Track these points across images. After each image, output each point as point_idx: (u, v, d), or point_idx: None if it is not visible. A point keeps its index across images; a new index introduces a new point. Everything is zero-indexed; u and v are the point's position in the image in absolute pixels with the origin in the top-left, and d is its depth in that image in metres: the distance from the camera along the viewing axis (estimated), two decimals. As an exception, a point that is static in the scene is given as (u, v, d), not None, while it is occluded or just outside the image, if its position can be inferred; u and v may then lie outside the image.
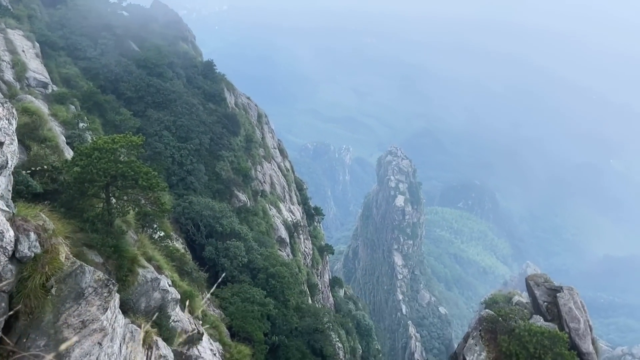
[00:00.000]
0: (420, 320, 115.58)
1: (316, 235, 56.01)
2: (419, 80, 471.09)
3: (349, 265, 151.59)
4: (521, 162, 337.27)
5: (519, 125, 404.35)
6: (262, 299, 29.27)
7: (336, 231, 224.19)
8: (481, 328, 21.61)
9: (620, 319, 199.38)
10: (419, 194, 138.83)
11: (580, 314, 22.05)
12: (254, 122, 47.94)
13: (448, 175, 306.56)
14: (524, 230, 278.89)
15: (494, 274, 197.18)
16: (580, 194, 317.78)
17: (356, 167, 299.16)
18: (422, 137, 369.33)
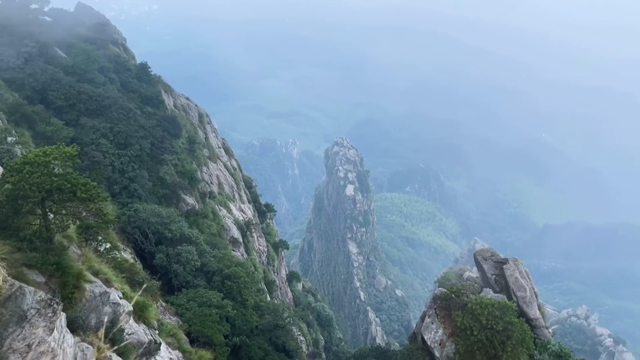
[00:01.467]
0: (378, 305, 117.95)
1: (269, 232, 55.76)
2: (358, 70, 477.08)
3: (305, 259, 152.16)
4: (460, 142, 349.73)
5: (456, 108, 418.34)
6: (219, 301, 28.86)
7: (290, 226, 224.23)
8: (436, 306, 22.36)
9: (563, 283, 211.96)
10: (367, 182, 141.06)
11: (526, 282, 23.28)
12: (196, 122, 46.91)
13: (394, 161, 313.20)
14: (469, 208, 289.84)
15: (444, 252, 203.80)
16: (517, 168, 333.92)
17: (304, 160, 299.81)
18: (365, 126, 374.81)
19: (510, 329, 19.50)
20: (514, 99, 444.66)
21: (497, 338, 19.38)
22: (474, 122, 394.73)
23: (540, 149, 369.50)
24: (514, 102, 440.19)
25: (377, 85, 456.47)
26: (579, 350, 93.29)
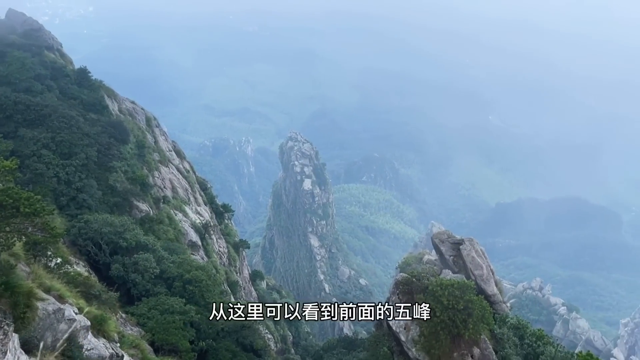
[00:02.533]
0: (343, 295, 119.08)
1: (229, 232, 55.10)
2: (308, 64, 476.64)
3: (268, 256, 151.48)
4: (411, 129, 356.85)
5: (404, 96, 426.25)
6: (182, 307, 28.32)
7: (249, 225, 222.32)
8: (398, 291, 22.80)
9: (517, 258, 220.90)
10: (324, 174, 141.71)
11: (482, 261, 24.10)
12: (143, 126, 45.54)
13: (349, 153, 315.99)
14: (424, 193, 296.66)
15: (404, 238, 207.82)
16: (467, 152, 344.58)
17: (259, 157, 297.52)
18: (318, 119, 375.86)
19: (470, 307, 20.15)
20: (460, 84, 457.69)
21: (459, 317, 19.99)
22: (423, 109, 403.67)
23: (487, 131, 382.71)
24: (460, 87, 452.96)
25: (327, 78, 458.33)
26: (536, 321, 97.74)
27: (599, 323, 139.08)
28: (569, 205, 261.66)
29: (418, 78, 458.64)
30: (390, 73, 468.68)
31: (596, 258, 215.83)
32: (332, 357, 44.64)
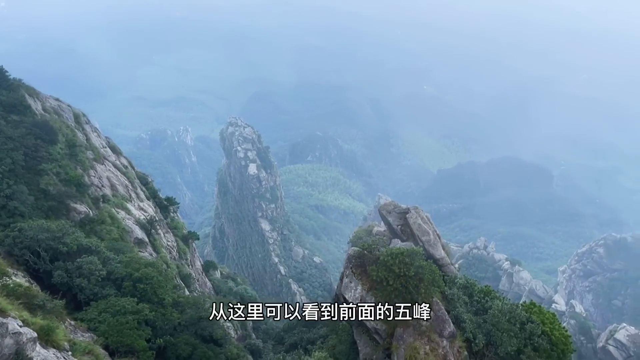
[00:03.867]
0: (299, 275, 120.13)
1: (176, 225, 53.78)
2: (240, 47, 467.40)
3: (219, 245, 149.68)
4: (351, 105, 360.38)
5: (341, 73, 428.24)
6: (134, 306, 27.54)
7: (197, 216, 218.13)
8: (352, 265, 23.20)
9: (461, 221, 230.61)
10: (269, 157, 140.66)
11: (428, 227, 24.92)
12: (72, 124, 43.13)
13: (292, 133, 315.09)
14: (369, 167, 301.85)
15: (353, 213, 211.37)
16: (406, 122, 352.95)
17: (200, 146, 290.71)
18: (257, 102, 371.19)
19: (421, 272, 20.85)
20: (394, 57, 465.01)
21: (411, 283, 20.66)
22: (361, 85, 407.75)
23: (424, 101, 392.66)
24: (395, 60, 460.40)
25: (262, 60, 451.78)
26: (483, 278, 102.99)
27: (539, 273, 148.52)
28: (504, 165, 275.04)
29: (353, 54, 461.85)
30: (325, 51, 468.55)
31: (532, 213, 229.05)
32: (293, 337, 45.16)
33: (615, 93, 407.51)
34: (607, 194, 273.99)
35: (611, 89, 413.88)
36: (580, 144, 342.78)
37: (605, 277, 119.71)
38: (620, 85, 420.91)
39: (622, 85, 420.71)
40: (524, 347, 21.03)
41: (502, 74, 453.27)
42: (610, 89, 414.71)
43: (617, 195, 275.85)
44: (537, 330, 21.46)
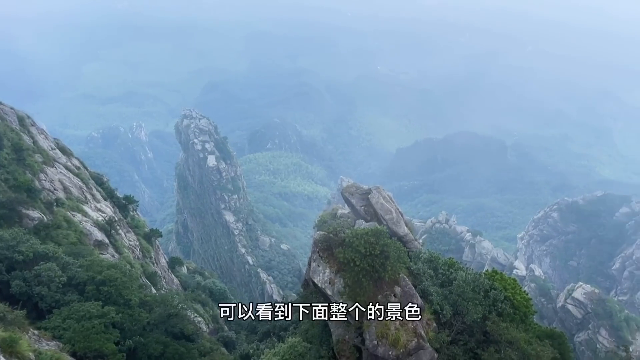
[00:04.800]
0: (267, 263, 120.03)
1: (137, 224, 52.51)
2: (189, 37, 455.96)
3: (184, 241, 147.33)
4: (307, 89, 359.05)
5: (294, 58, 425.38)
6: (99, 310, 26.91)
7: (158, 213, 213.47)
8: (318, 249, 23.32)
9: (423, 197, 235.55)
10: (227, 148, 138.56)
11: (390, 205, 25.29)
12: (17, 127, 41.07)
13: (249, 122, 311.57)
14: (330, 151, 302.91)
15: (317, 198, 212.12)
16: (363, 103, 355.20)
17: (155, 141, 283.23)
18: (211, 92, 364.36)
19: (386, 251, 21.20)
20: (346, 39, 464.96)
21: (377, 261, 20.99)
22: (315, 69, 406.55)
23: (378, 81, 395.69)
24: (346, 42, 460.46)
25: (212, 49, 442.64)
26: (447, 250, 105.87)
27: (500, 241, 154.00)
28: (460, 140, 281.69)
29: (305, 39, 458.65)
30: (276, 37, 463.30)
31: (489, 184, 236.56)
32: (265, 325, 45.24)
33: (559, 63, 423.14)
34: (557, 160, 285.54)
35: (555, 60, 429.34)
36: (530, 113, 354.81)
37: (560, 240, 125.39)
38: (563, 55, 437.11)
39: (565, 55, 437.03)
40: (488, 313, 21.85)
41: (452, 51, 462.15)
42: (555, 59, 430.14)
43: (567, 161, 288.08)
44: (500, 296, 22.32)
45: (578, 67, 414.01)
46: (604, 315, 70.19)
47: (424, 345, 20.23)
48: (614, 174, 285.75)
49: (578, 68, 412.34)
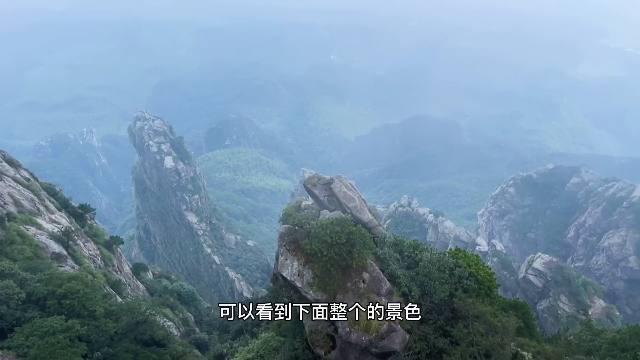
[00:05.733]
0: (235, 261, 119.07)
1: (95, 232, 50.92)
2: (135, 36, 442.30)
3: (147, 246, 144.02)
4: (261, 83, 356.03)
5: (246, 52, 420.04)
6: (63, 324, 26.03)
7: (117, 219, 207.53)
8: (285, 243, 23.26)
9: (384, 182, 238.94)
10: (184, 148, 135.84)
11: (353, 193, 25.48)
12: (-43, 141, 39.01)
13: (205, 120, 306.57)
14: (289, 143, 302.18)
15: (280, 191, 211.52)
16: (318, 93, 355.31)
17: (108, 146, 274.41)
18: (163, 91, 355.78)
19: (352, 238, 21.38)
20: (297, 30, 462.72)
21: (344, 250, 21.15)
22: (268, 62, 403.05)
23: (332, 71, 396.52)
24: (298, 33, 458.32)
25: (161, 47, 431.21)
26: (411, 233, 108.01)
27: (461, 220, 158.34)
28: (416, 124, 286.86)
29: (254, 32, 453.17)
30: (225, 32, 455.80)
31: (447, 165, 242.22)
32: (237, 323, 44.96)
33: (505, 43, 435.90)
34: (510, 137, 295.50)
35: (501, 40, 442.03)
36: (481, 94, 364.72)
37: (518, 213, 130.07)
38: (509, 36, 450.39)
39: (510, 35, 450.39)
40: (455, 290, 22.44)
41: (401, 37, 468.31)
42: (500, 40, 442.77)
43: (518, 137, 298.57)
44: (464, 273, 22.95)
45: (523, 47, 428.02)
46: (563, 282, 73.52)
47: (395, 328, 20.61)
48: (563, 146, 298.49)
49: (523, 47, 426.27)
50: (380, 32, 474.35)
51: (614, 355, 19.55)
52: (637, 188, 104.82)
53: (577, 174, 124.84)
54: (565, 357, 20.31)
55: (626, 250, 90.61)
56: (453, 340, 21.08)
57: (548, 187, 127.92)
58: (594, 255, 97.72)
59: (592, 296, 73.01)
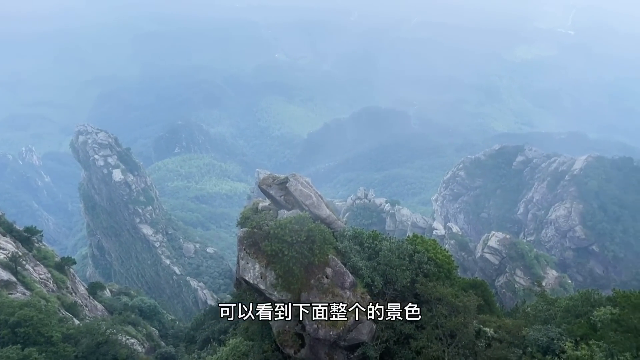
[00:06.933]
0: (195, 270, 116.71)
1: (45, 255, 48.60)
2: (69, 47, 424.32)
3: (102, 263, 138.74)
4: (207, 87, 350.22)
5: (188, 56, 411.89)
6: (19, 353, 24.81)
7: (67, 239, 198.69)
8: (244, 246, 23.05)
9: (339, 176, 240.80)
10: (132, 159, 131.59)
11: (309, 190, 25.53)
12: None
13: (151, 129, 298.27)
14: (241, 146, 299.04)
15: (236, 195, 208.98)
16: (267, 93, 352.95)
17: (51, 164, 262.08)
18: (105, 103, 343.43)
19: (312, 235, 21.46)
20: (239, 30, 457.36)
21: (305, 247, 21.20)
22: (212, 64, 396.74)
23: (278, 69, 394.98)
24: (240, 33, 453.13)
25: (99, 58, 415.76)
26: (370, 224, 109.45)
27: (417, 206, 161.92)
28: (365, 116, 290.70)
29: (195, 34, 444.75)
30: (165, 36, 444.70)
31: (399, 154, 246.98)
32: (204, 333, 44.26)
33: (444, 32, 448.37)
34: (456, 122, 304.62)
35: (440, 29, 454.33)
36: (425, 82, 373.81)
37: (470, 195, 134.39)
38: (447, 24, 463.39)
39: (448, 24, 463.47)
40: (416, 276, 22.96)
41: (344, 31, 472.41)
42: (439, 28, 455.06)
43: (464, 122, 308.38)
44: (423, 258, 23.52)
45: (462, 34, 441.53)
46: (517, 257, 76.68)
47: (362, 319, 20.86)
48: (507, 127, 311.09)
49: (462, 35, 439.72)
50: (322, 27, 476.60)
51: (568, 321, 20.57)
52: (577, 161, 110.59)
53: (521, 153, 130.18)
54: (525, 328, 21.19)
55: (572, 221, 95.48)
56: (418, 325, 21.59)
57: (496, 168, 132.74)
58: (543, 228, 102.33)
59: (545, 268, 76.54)
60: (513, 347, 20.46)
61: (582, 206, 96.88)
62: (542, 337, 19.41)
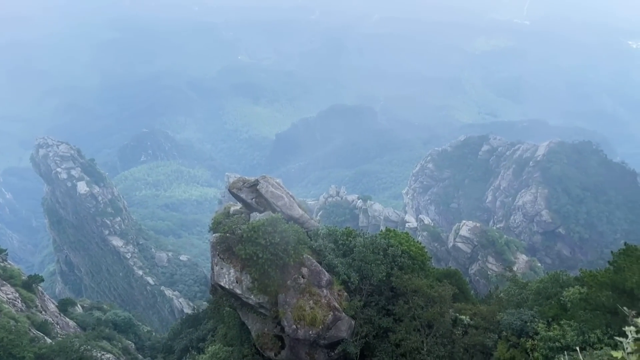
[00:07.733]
0: (170, 279, 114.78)
1: (10, 274, 46.85)
2: (24, 57, 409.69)
3: (71, 279, 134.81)
4: (170, 92, 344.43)
5: (149, 62, 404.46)
6: (-12, 380, 23.84)
7: (33, 256, 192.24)
8: (218, 252, 22.78)
9: (310, 175, 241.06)
10: (97, 170, 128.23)
11: (281, 191, 25.44)
12: None
13: (115, 138, 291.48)
14: (209, 150, 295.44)
15: (207, 200, 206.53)
16: (232, 95, 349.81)
17: (11, 179, 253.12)
18: (64, 113, 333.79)
19: (285, 236, 21.39)
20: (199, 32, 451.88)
21: (279, 249, 21.11)
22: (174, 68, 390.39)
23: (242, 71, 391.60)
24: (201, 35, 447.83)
25: (55, 67, 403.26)
26: (344, 221, 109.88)
27: (388, 201, 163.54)
28: (332, 114, 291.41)
29: (155, 39, 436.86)
30: (124, 42, 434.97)
31: (368, 150, 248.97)
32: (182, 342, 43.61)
33: (405, 26, 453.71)
34: (422, 115, 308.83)
35: (401, 24, 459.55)
36: (390, 77, 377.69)
37: (439, 187, 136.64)
38: (407, 19, 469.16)
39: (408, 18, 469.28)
40: (391, 270, 23.20)
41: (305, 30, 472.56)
42: (400, 23, 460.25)
43: (430, 115, 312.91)
44: (397, 251, 23.78)
45: (422, 28, 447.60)
46: (488, 244, 78.43)
47: (340, 316, 20.93)
48: (471, 117, 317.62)
49: (423, 29, 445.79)
50: (284, 26, 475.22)
51: (540, 303, 21.15)
52: (539, 147, 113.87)
53: (486, 142, 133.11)
54: (499, 313, 21.68)
55: (538, 206, 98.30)
56: (396, 318, 21.82)
57: (463, 158, 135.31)
58: (511, 215, 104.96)
59: (515, 253, 78.54)
60: (489, 332, 20.93)
61: (547, 191, 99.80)
62: (515, 321, 19.90)
